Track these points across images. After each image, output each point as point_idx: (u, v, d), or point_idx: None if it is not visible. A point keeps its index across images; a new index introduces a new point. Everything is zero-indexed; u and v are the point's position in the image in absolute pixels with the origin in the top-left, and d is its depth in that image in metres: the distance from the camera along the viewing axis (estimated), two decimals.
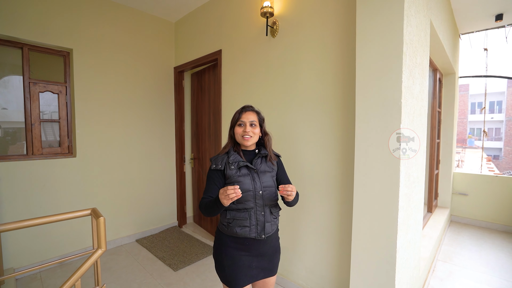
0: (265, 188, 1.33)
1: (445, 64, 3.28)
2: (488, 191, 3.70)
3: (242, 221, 1.29)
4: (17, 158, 2.50)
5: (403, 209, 1.49)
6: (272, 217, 1.36)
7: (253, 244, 1.32)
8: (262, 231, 1.31)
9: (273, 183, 1.38)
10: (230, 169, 1.32)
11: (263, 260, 1.36)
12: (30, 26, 2.48)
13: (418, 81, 1.67)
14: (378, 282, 1.52)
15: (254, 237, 1.30)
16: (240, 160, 1.33)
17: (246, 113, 1.38)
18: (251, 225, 1.29)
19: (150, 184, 3.40)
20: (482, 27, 3.63)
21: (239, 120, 1.37)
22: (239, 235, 1.29)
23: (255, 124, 1.37)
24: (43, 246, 2.59)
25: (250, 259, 1.33)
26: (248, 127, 1.34)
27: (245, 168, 1.33)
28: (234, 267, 1.30)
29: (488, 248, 3.02)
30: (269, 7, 2.14)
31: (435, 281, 2.35)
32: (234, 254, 1.32)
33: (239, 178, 1.30)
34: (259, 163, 1.37)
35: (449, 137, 3.79)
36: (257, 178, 1.33)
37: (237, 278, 1.30)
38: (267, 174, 1.37)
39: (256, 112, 1.41)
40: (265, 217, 1.32)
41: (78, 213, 1.40)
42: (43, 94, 2.65)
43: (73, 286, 1.19)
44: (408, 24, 1.45)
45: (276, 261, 1.42)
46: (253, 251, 1.33)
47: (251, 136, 1.35)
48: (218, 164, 1.33)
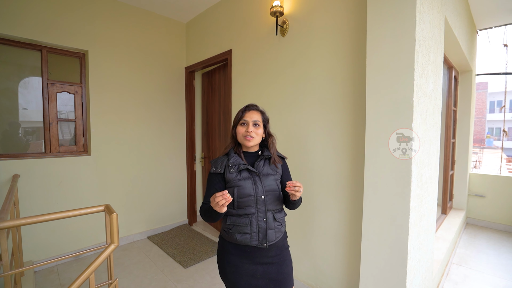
0: (267, 193, 1.24)
1: (461, 61, 3.17)
2: (506, 192, 3.55)
3: (242, 227, 1.21)
4: (36, 156, 2.61)
5: (415, 210, 1.46)
6: (276, 223, 1.26)
7: (255, 252, 1.23)
8: (264, 239, 1.21)
9: (277, 187, 1.28)
10: (230, 172, 1.23)
11: (270, 270, 1.25)
12: (49, 30, 2.58)
13: (431, 79, 1.63)
14: (388, 283, 1.49)
15: (255, 245, 1.20)
16: (240, 163, 1.24)
17: (250, 112, 1.29)
18: (252, 232, 1.20)
19: (161, 182, 3.47)
20: (501, 22, 3.49)
21: (241, 119, 1.28)
22: (240, 242, 1.21)
23: (259, 124, 1.29)
24: (60, 240, 2.69)
25: (254, 268, 1.23)
26: (251, 127, 1.26)
27: (246, 171, 1.24)
28: (236, 274, 1.23)
29: (506, 252, 2.90)
30: (279, 7, 2.14)
31: (449, 284, 2.29)
32: (236, 261, 1.24)
33: (239, 182, 1.22)
34: (262, 166, 1.28)
35: (465, 136, 3.66)
36: (259, 181, 1.24)
37: (239, 285, 1.23)
38: (270, 177, 1.27)
39: (261, 112, 1.33)
40: (267, 224, 1.22)
41: (92, 209, 1.45)
42: (60, 94, 2.75)
43: (87, 279, 1.24)
44: (421, 21, 1.41)
45: (286, 271, 1.29)
46: (255, 259, 1.23)
47: (253, 137, 1.26)
48: (218, 167, 1.25)
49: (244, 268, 1.23)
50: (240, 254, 1.24)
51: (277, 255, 1.27)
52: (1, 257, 1.30)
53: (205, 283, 2.34)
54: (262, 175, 1.26)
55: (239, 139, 1.29)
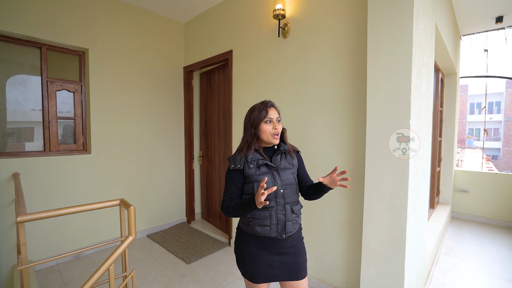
0: (286, 186, 1.27)
1: (447, 64, 3.39)
2: (488, 188, 3.80)
3: (262, 220, 1.25)
4: (35, 154, 2.59)
5: (411, 200, 1.59)
6: (294, 215, 1.30)
7: (273, 243, 1.28)
8: (283, 231, 1.26)
9: (294, 180, 1.33)
10: (249, 168, 1.26)
11: (286, 260, 1.30)
12: (49, 27, 2.57)
13: (424, 80, 1.77)
14: (388, 269, 1.61)
15: (275, 236, 1.26)
16: (259, 158, 1.27)
17: (271, 109, 1.30)
18: (272, 224, 1.25)
19: (160, 181, 3.49)
20: (482, 29, 3.74)
21: (266, 117, 1.27)
22: (259, 234, 1.26)
23: (280, 120, 1.32)
24: (59, 240, 2.67)
25: (271, 258, 1.29)
26: (276, 124, 1.29)
27: (264, 167, 1.27)
28: (254, 264, 1.29)
29: (489, 243, 3.12)
30: (281, 10, 2.23)
31: (438, 272, 2.45)
32: (254, 251, 1.29)
33: (259, 177, 1.24)
34: (279, 160, 1.31)
35: (450, 135, 3.89)
36: (277, 176, 1.27)
37: (257, 274, 1.29)
38: (287, 171, 1.31)
39: (276, 107, 1.35)
40: (286, 216, 1.26)
41: (108, 203, 1.49)
42: (59, 92, 2.73)
43: (107, 270, 1.29)
44: (417, 27, 1.55)
45: (301, 262, 1.34)
46: (273, 250, 1.29)
47: (279, 133, 1.30)
48: (237, 163, 1.27)
49: (262, 258, 1.28)
50: (259, 245, 1.29)
51: (293, 246, 1.32)
52: (20, 250, 1.32)
53: (209, 277, 2.40)
54: (280, 170, 1.29)
55: (266, 137, 1.29)
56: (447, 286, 2.24)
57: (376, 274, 1.67)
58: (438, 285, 2.25)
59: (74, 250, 2.70)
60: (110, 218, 3.00)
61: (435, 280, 2.32)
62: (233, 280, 2.35)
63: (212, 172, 3.58)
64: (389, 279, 1.62)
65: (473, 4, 2.99)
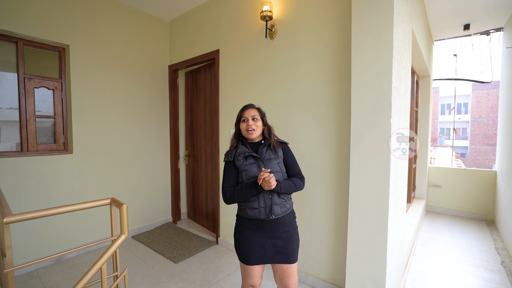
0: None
1: (422, 67, 3.61)
2: (458, 183, 4.10)
3: (252, 204, 1.44)
4: (12, 155, 2.46)
5: (392, 194, 1.71)
6: (281, 200, 1.45)
7: (264, 226, 1.45)
8: (270, 213, 1.42)
9: (280, 169, 1.49)
10: (238, 160, 1.49)
11: (277, 243, 1.45)
12: (26, 21, 2.45)
13: (403, 81, 1.90)
14: (372, 258, 1.72)
15: (264, 218, 1.43)
16: (246, 151, 1.48)
17: (248, 109, 1.54)
18: (260, 207, 1.43)
19: (145, 181, 3.43)
20: (452, 35, 4.02)
21: (242, 117, 1.53)
22: (250, 216, 1.45)
23: (257, 118, 1.52)
24: (39, 244, 2.56)
25: (263, 240, 1.45)
26: (251, 121, 1.51)
27: (251, 158, 1.48)
28: (248, 245, 1.45)
29: (458, 233, 3.38)
30: (269, 11, 2.29)
31: (415, 262, 2.62)
32: (248, 233, 1.46)
33: (246, 167, 1.46)
34: (264, 152, 1.50)
35: (424, 134, 4.15)
36: (262, 165, 1.46)
37: (250, 255, 1.45)
38: (272, 161, 1.49)
39: (257, 108, 1.57)
40: (273, 200, 1.43)
41: (98, 202, 1.46)
42: (38, 90, 2.61)
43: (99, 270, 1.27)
44: (397, 32, 1.66)
45: (291, 247, 1.47)
46: (265, 233, 1.45)
47: (254, 129, 1.50)
48: (229, 156, 1.52)
49: (255, 240, 1.46)
50: (252, 228, 1.47)
51: (285, 231, 1.47)
52: (5, 254, 1.27)
53: (198, 275, 2.41)
54: (265, 160, 1.48)
55: (243, 134, 1.55)
56: (423, 273, 2.41)
57: (360, 264, 1.77)
58: (415, 273, 2.41)
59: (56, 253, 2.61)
60: (92, 220, 2.91)
61: (413, 269, 2.49)
62: (222, 278, 2.37)
63: (198, 171, 3.57)
64: (372, 268, 1.72)
65: (444, 12, 3.22)
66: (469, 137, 19.39)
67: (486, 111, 18.40)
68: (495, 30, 3.72)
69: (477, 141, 18.68)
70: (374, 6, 1.65)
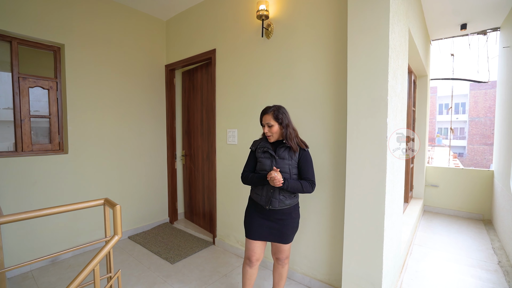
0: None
1: (419, 67, 3.61)
2: (455, 182, 4.11)
3: (257, 190, 1.72)
4: (6, 155, 2.44)
5: (389, 193, 1.70)
6: (281, 196, 1.64)
7: (263, 210, 1.69)
8: (268, 203, 1.65)
9: (288, 171, 1.64)
10: (258, 152, 1.73)
11: (273, 226, 1.68)
12: (21, 20, 2.43)
13: (399, 81, 1.90)
14: (368, 259, 1.71)
15: (263, 204, 1.67)
16: (265, 146, 1.70)
17: (264, 116, 1.69)
18: (262, 196, 1.68)
19: (142, 181, 3.41)
20: (449, 35, 4.03)
21: (261, 122, 1.72)
22: (254, 199, 1.73)
23: (271, 124, 1.65)
24: (33, 245, 2.53)
25: (262, 221, 1.70)
26: (267, 128, 1.67)
27: (268, 153, 1.69)
28: (250, 223, 1.73)
29: (456, 233, 3.38)
30: (265, 10, 2.28)
31: (412, 262, 2.62)
32: (252, 213, 1.75)
33: (262, 159, 1.69)
34: (282, 151, 1.66)
35: (422, 134, 4.15)
36: (274, 162, 1.64)
37: (251, 230, 1.72)
38: (284, 161, 1.64)
39: (272, 112, 1.66)
40: (273, 194, 1.63)
41: (92, 203, 1.44)
42: (33, 89, 2.59)
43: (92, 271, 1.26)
44: (393, 31, 1.65)
45: (285, 232, 1.68)
46: (265, 215, 1.69)
47: (270, 135, 1.69)
48: (253, 146, 1.78)
49: (256, 219, 1.72)
50: (256, 209, 1.73)
51: (281, 219, 1.68)
52: None
53: (194, 276, 2.39)
54: (279, 158, 1.64)
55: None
56: (420, 274, 2.40)
57: (357, 265, 1.76)
58: (412, 273, 2.41)
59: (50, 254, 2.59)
60: (87, 221, 2.89)
61: (410, 269, 2.48)
62: (218, 278, 2.36)
63: (195, 171, 3.55)
64: (369, 269, 1.71)
65: (441, 12, 3.22)
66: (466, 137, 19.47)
67: (484, 111, 18.48)
68: (492, 30, 3.73)
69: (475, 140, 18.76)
70: (370, 4, 1.64)
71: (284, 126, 1.65)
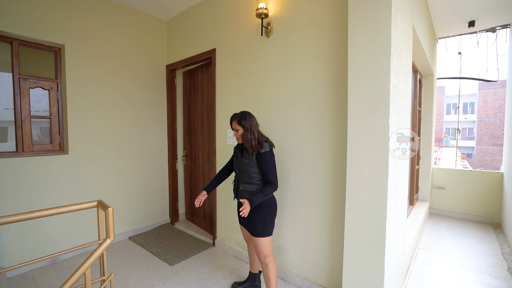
0: (240, 170, 1.89)
1: (425, 65, 3.52)
2: (463, 184, 3.99)
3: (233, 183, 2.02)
4: (6, 155, 2.45)
5: (391, 197, 1.63)
6: (243, 191, 1.88)
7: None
8: (236, 195, 1.97)
9: (247, 170, 1.84)
10: (234, 151, 2.02)
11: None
12: (21, 21, 2.44)
13: (403, 80, 1.83)
14: (369, 265, 1.65)
15: (235, 195, 1.98)
16: (236, 147, 2.00)
17: (232, 122, 1.90)
18: (234, 188, 2.00)
19: (142, 181, 3.40)
20: (456, 32, 3.91)
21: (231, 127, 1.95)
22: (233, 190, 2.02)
23: (237, 128, 1.86)
24: (32, 245, 2.54)
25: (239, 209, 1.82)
26: (234, 132, 1.90)
27: (236, 153, 1.98)
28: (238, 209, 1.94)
29: (463, 237, 3.27)
30: (264, 9, 2.23)
31: (417, 267, 2.54)
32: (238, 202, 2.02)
33: (233, 158, 2.05)
34: (244, 152, 1.89)
35: (428, 134, 4.05)
36: (238, 161, 1.93)
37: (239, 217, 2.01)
38: (244, 160, 1.87)
39: (237, 118, 1.85)
40: (238, 187, 1.92)
41: (84, 205, 1.42)
42: (33, 90, 2.60)
43: (83, 275, 1.23)
44: (395, 28, 1.59)
45: (251, 223, 1.85)
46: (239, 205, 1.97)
47: (238, 138, 1.91)
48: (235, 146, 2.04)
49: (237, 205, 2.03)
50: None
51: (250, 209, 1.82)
52: None
53: (192, 278, 2.36)
54: (241, 158, 1.90)
55: None
56: (425, 279, 2.32)
57: (357, 270, 1.70)
58: (417, 279, 2.33)
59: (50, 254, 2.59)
60: (88, 221, 2.89)
61: (414, 275, 2.40)
62: (217, 281, 2.32)
63: (196, 172, 3.53)
64: (369, 275, 1.65)
65: (448, 9, 3.12)
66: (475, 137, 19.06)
67: (493, 111, 18.07)
68: (501, 27, 3.61)
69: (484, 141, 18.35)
70: (372, 0, 1.58)
71: (245, 130, 1.82)
